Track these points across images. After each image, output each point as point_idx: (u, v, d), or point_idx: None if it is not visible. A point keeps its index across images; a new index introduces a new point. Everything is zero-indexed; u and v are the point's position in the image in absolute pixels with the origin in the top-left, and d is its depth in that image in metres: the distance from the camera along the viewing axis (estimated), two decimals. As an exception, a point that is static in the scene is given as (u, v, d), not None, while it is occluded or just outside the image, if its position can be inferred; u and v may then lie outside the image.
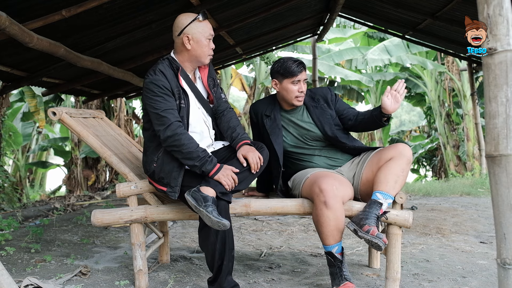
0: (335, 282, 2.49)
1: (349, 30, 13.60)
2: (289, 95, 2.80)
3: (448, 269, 3.06)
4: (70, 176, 10.82)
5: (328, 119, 2.84)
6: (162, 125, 2.41)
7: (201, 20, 2.53)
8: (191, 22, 2.52)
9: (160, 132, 2.42)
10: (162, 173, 2.50)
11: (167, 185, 2.50)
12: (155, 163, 2.51)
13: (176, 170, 2.48)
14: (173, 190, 2.48)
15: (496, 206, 1.73)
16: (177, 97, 2.48)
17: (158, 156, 2.50)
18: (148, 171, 2.56)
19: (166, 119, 2.41)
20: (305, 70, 2.81)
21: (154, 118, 2.44)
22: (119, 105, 10.05)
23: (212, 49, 2.58)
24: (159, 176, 2.51)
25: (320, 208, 2.48)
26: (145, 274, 2.67)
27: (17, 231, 4.18)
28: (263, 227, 4.43)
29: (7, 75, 4.89)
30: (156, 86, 2.43)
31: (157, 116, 2.43)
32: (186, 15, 2.57)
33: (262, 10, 5.47)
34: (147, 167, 2.56)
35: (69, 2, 3.31)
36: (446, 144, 12.88)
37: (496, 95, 1.70)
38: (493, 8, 1.69)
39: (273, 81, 2.85)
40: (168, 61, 2.54)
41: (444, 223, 4.51)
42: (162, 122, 2.41)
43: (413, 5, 5.76)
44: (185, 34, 2.51)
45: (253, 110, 2.95)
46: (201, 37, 2.53)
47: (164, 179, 2.50)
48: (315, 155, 2.84)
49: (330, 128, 2.82)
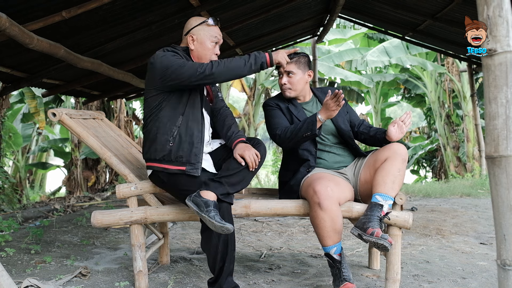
0: (335, 283, 2.50)
1: (349, 31, 13.62)
2: None
3: (448, 270, 3.06)
4: (70, 177, 10.82)
5: (341, 113, 2.86)
6: (195, 70, 2.37)
7: (209, 24, 2.58)
8: (198, 24, 2.58)
9: (195, 76, 2.36)
10: (180, 151, 2.44)
11: (186, 164, 2.44)
12: (171, 143, 2.45)
13: (196, 147, 2.45)
14: (195, 166, 2.44)
15: (496, 207, 1.73)
16: None
17: (174, 135, 2.45)
18: (160, 153, 2.46)
19: (194, 64, 2.39)
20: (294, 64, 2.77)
21: (182, 70, 2.38)
22: (119, 106, 10.05)
23: (217, 54, 2.61)
24: (176, 155, 2.44)
25: (315, 209, 2.49)
26: (145, 275, 2.67)
27: (17, 232, 4.18)
28: (263, 228, 4.43)
29: (7, 76, 4.90)
30: (172, 54, 2.45)
31: (186, 66, 2.38)
32: (197, 18, 2.63)
33: (262, 11, 5.48)
34: (158, 149, 2.46)
35: (69, 3, 3.31)
36: (446, 145, 12.87)
37: (496, 96, 1.70)
38: (492, 9, 1.69)
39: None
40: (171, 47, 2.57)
41: (444, 224, 4.51)
42: (194, 68, 2.37)
43: (413, 6, 5.77)
44: (190, 35, 2.57)
45: (273, 101, 2.89)
46: (206, 39, 2.56)
47: (183, 157, 2.44)
48: (325, 151, 2.83)
49: (343, 121, 2.85)
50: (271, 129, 2.81)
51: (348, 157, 2.86)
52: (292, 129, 2.69)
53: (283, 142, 2.74)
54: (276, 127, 2.77)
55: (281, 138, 2.72)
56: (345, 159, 2.85)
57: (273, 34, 7.10)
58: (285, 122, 2.80)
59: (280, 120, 2.80)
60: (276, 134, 2.76)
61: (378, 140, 2.77)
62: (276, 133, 2.75)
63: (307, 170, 2.75)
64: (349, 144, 2.86)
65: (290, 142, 2.70)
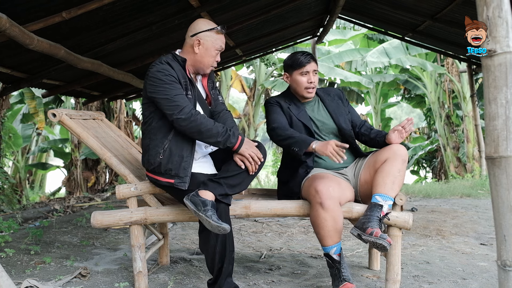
0: (334, 283, 2.50)
1: (349, 32, 13.64)
2: (299, 87, 2.85)
3: (449, 271, 3.06)
4: (70, 178, 10.82)
5: (343, 113, 2.90)
6: (176, 109, 2.39)
7: (218, 32, 2.57)
8: (208, 30, 2.56)
9: (174, 116, 2.39)
10: (169, 164, 2.46)
11: (175, 177, 2.46)
12: (161, 156, 2.47)
13: (185, 160, 2.46)
14: (182, 180, 2.45)
15: (496, 207, 1.73)
16: (184, 88, 2.48)
17: (165, 148, 2.47)
18: (151, 165, 2.51)
19: (178, 103, 2.40)
20: (315, 62, 2.85)
21: (165, 104, 2.41)
22: (119, 106, 10.05)
23: (217, 61, 2.61)
24: (166, 168, 2.47)
25: (316, 209, 2.49)
26: (145, 276, 2.67)
27: (16, 232, 4.17)
28: (263, 228, 4.43)
29: (7, 77, 4.90)
30: (164, 75, 2.43)
31: (168, 102, 2.40)
32: (207, 22, 2.61)
33: (262, 12, 5.48)
34: (151, 161, 2.51)
35: (69, 4, 3.31)
36: (446, 145, 12.88)
37: (496, 96, 1.70)
38: (492, 10, 1.69)
39: (285, 74, 2.93)
40: (172, 55, 2.56)
41: (444, 224, 4.51)
42: (175, 107, 2.39)
43: (413, 7, 5.77)
44: (198, 38, 2.54)
45: (275, 100, 2.91)
46: (211, 47, 2.56)
47: (172, 171, 2.46)
48: None
49: (344, 121, 2.87)
50: (269, 123, 2.85)
51: (348, 157, 2.86)
52: (288, 133, 2.71)
53: (275, 138, 2.77)
54: (274, 121, 2.81)
55: (276, 134, 2.75)
56: (346, 160, 2.85)
57: (273, 34, 7.10)
58: (283, 119, 2.82)
59: (279, 116, 2.83)
60: (272, 127, 2.79)
61: (378, 143, 2.80)
62: (273, 127, 2.79)
63: (306, 171, 2.75)
64: (349, 144, 2.86)
65: (280, 142, 2.74)
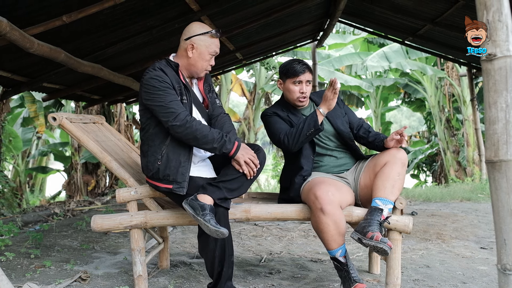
0: (345, 285, 2.51)
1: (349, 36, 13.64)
2: (290, 95, 2.84)
3: (449, 274, 3.05)
4: (70, 182, 10.81)
5: (339, 115, 2.88)
6: (171, 116, 2.39)
7: (213, 36, 2.56)
8: (202, 34, 2.54)
9: (169, 123, 2.40)
10: (167, 170, 2.46)
11: (173, 182, 2.46)
12: (159, 161, 2.48)
13: (183, 165, 2.46)
14: (181, 185, 2.46)
15: (496, 211, 1.72)
16: (179, 93, 2.48)
17: (162, 154, 2.48)
18: (150, 171, 2.52)
19: (173, 109, 2.40)
20: (310, 72, 2.83)
21: (160, 111, 2.42)
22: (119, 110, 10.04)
23: (211, 65, 2.61)
24: (164, 174, 2.47)
25: (317, 215, 2.49)
26: (145, 280, 2.66)
27: (16, 236, 4.17)
28: (263, 232, 4.42)
29: (8, 81, 4.91)
30: (158, 81, 2.43)
31: (163, 109, 2.40)
32: (201, 25, 2.59)
33: (262, 16, 5.49)
34: (149, 167, 2.52)
35: (69, 8, 3.32)
36: (446, 149, 12.87)
37: (496, 100, 1.70)
38: (492, 14, 1.69)
39: (278, 80, 2.92)
40: (165, 61, 2.56)
41: (444, 228, 4.50)
42: (170, 113, 2.39)
43: (413, 11, 5.78)
44: (191, 42, 2.53)
45: (272, 111, 2.89)
46: (205, 51, 2.54)
47: (170, 176, 2.46)
48: (325, 154, 2.84)
49: (342, 123, 2.86)
50: (274, 135, 2.80)
51: (349, 161, 2.86)
52: (295, 131, 2.69)
53: (289, 145, 2.71)
54: (279, 132, 2.76)
55: (287, 142, 2.71)
56: (345, 163, 2.85)
57: (273, 38, 7.11)
58: (286, 126, 2.79)
59: (281, 125, 2.80)
60: (280, 138, 2.74)
61: (377, 148, 2.80)
62: (280, 138, 2.74)
63: (304, 179, 2.74)
64: (349, 146, 2.86)
65: (296, 143, 2.69)
